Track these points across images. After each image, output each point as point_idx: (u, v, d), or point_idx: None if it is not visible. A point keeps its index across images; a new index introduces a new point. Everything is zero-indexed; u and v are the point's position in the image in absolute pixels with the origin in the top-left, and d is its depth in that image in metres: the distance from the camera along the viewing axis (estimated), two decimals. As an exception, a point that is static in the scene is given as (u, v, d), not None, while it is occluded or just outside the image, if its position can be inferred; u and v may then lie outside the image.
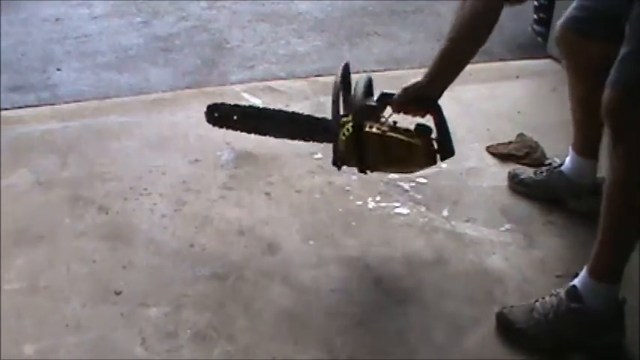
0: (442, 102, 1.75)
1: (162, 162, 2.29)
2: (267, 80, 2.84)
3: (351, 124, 1.78)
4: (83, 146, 2.37)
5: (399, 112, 1.79)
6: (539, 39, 3.11)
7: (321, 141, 2.16)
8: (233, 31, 3.29)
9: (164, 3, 3.53)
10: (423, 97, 1.73)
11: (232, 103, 2.35)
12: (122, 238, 1.97)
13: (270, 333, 1.69)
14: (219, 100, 2.36)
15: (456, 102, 2.55)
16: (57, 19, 3.37)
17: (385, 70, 2.91)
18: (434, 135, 1.77)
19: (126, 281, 1.82)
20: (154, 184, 2.18)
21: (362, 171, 1.87)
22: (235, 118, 2.26)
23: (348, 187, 2.18)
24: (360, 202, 2.13)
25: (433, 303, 1.79)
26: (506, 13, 1.71)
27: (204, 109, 2.32)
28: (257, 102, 2.64)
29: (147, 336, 1.67)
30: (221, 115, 2.29)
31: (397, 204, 2.12)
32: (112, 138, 2.42)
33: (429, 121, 1.78)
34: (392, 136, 1.76)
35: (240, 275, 1.85)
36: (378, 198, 2.14)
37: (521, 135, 2.42)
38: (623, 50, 1.49)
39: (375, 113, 1.80)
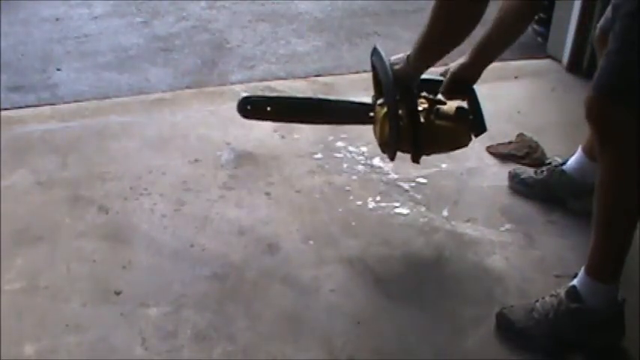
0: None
1: (162, 162, 2.29)
2: (267, 80, 2.84)
3: (401, 112, 1.84)
4: (83, 146, 2.37)
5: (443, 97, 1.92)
6: (539, 39, 3.11)
7: (363, 124, 2.16)
8: (233, 31, 3.29)
9: (164, 3, 3.53)
10: (463, 84, 1.87)
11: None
12: (122, 238, 1.97)
13: (270, 333, 1.69)
14: (218, 100, 2.37)
15: (456, 102, 2.55)
16: (57, 19, 3.36)
17: (385, 70, 2.91)
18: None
19: (126, 281, 1.82)
20: (154, 184, 2.18)
21: (415, 159, 1.91)
22: (269, 109, 2.27)
23: (348, 187, 2.18)
24: (360, 202, 2.13)
25: (433, 303, 1.79)
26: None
27: (205, 109, 2.32)
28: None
29: (147, 336, 1.67)
30: (255, 107, 2.29)
31: (397, 204, 2.12)
32: (112, 138, 2.42)
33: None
34: (440, 125, 1.89)
35: (240, 275, 1.85)
36: (378, 198, 2.14)
37: (521, 135, 2.42)
38: (606, 50, 1.49)
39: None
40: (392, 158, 1.92)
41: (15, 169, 2.23)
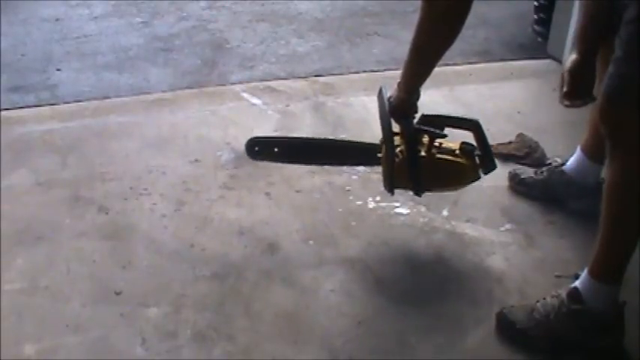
0: (443, 102, 1.76)
1: (162, 162, 2.29)
2: (267, 80, 2.84)
3: (402, 147, 1.83)
4: (83, 146, 2.37)
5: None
6: (539, 39, 3.11)
7: (372, 165, 2.14)
8: (233, 31, 3.29)
9: (164, 3, 3.53)
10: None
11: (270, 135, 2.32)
12: (122, 238, 1.97)
13: (270, 333, 1.69)
14: (218, 100, 2.35)
15: (457, 102, 2.55)
16: (57, 19, 3.37)
17: (385, 70, 2.91)
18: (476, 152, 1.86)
19: (126, 281, 1.82)
20: (154, 184, 2.18)
21: (416, 193, 1.90)
22: (277, 150, 2.16)
23: (348, 187, 2.18)
24: (360, 202, 2.13)
25: (433, 303, 1.79)
26: (507, 13, 1.72)
27: (205, 109, 2.30)
28: (257, 102, 2.64)
29: (147, 336, 1.67)
30: (262, 149, 2.18)
31: (397, 204, 2.11)
32: (112, 138, 2.42)
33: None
34: (442, 159, 1.84)
35: (240, 275, 1.85)
36: (378, 198, 2.14)
37: (521, 135, 2.42)
38: (612, 57, 1.49)
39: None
40: (390, 192, 1.91)
41: (15, 169, 2.23)
